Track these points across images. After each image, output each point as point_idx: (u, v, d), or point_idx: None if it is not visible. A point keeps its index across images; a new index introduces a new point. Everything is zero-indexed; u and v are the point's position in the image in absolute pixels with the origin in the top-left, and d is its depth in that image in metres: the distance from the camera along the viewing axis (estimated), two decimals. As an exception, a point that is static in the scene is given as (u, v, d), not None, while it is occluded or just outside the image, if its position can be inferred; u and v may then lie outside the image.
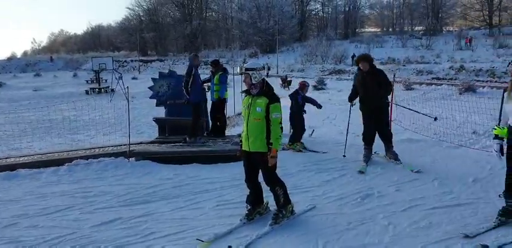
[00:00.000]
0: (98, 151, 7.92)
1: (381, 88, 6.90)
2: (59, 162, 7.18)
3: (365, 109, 7.16)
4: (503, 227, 4.41)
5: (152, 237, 4.47)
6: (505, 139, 4.47)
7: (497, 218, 4.52)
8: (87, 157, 7.40)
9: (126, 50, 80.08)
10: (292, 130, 8.61)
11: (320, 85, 24.19)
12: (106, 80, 31.38)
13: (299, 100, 8.47)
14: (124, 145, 8.01)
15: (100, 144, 8.87)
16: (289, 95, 8.67)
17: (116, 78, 23.99)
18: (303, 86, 8.62)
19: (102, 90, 27.76)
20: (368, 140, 7.24)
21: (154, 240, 4.40)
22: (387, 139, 7.17)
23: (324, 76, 30.34)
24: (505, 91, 4.49)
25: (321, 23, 74.22)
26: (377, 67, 7.18)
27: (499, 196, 4.65)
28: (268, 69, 38.13)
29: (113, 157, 7.46)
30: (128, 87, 8.60)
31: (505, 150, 4.51)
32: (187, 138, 8.18)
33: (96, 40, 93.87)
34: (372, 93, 6.91)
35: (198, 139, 8.21)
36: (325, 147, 8.30)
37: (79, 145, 9.22)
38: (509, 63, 5.63)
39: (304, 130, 8.57)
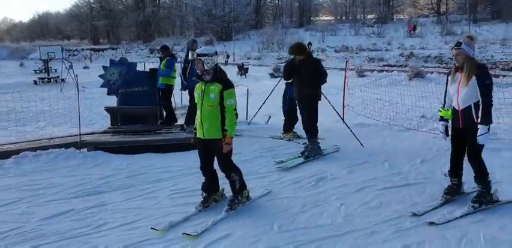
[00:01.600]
0: (47, 142, 7.63)
1: (315, 79, 6.72)
2: (4, 155, 6.83)
3: (296, 97, 7.08)
4: (449, 204, 4.62)
5: (105, 227, 4.37)
6: (450, 121, 4.66)
7: (443, 196, 4.72)
8: (35, 149, 7.10)
9: (76, 38, 77.18)
10: (286, 120, 8.37)
11: (277, 73, 24.29)
12: (56, 70, 30.15)
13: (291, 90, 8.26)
14: (75, 135, 7.75)
15: (50, 135, 8.54)
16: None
17: (66, 67, 23.12)
18: None
19: (52, 79, 26.69)
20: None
21: (107, 230, 4.30)
22: (307, 132, 6.91)
23: (280, 64, 30.38)
24: (448, 74, 4.66)
25: (276, 11, 74.28)
26: (314, 56, 7.01)
27: (445, 175, 4.86)
28: (228, 56, 37.90)
29: (63, 148, 7.21)
30: (77, 75, 8.31)
31: (449, 131, 4.70)
32: (184, 126, 8.10)
33: (43, 28, 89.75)
34: (304, 83, 6.70)
35: (190, 126, 8.09)
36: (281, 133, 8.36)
37: (27, 137, 8.84)
38: (452, 48, 5.84)
39: (297, 119, 8.26)
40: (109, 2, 71.77)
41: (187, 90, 8.19)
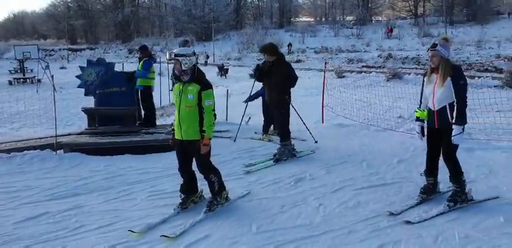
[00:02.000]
0: (21, 144, 7.48)
1: (285, 83, 6.52)
2: (-24, 157, 6.70)
3: (267, 100, 7.01)
4: (425, 203, 4.69)
5: (82, 230, 4.31)
6: (426, 121, 4.74)
7: (419, 195, 4.79)
8: (9, 151, 6.96)
9: (53, 38, 75.90)
10: (264, 121, 8.28)
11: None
12: (31, 70, 29.59)
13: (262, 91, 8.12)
14: (51, 137, 7.62)
15: (25, 136, 8.38)
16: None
17: (42, 67, 22.70)
18: None
19: (28, 80, 26.20)
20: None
21: (84, 233, 4.24)
22: (279, 135, 6.85)
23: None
24: (424, 75, 4.74)
25: (257, 12, 74.42)
26: (285, 59, 6.74)
27: (421, 174, 4.94)
28: (207, 57, 37.76)
29: (38, 150, 7.07)
30: (53, 75, 8.17)
31: (425, 132, 4.78)
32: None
33: (19, 27, 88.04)
34: (273, 87, 6.57)
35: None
36: (261, 134, 8.37)
37: (1, 138, 8.64)
38: (428, 49, 5.94)
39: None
40: (87, 1, 70.79)
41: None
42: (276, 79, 6.50)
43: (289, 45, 44.09)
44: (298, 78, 6.81)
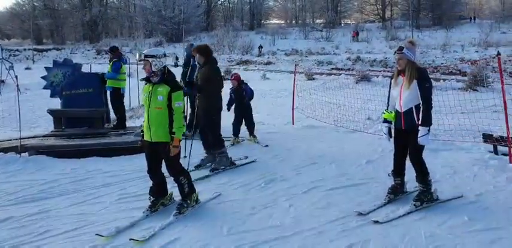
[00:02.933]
0: (-16, 147, 7.22)
1: (209, 89, 6.10)
2: None
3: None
4: (392, 203, 4.80)
5: (48, 235, 4.19)
6: (393, 123, 4.84)
7: (386, 195, 4.89)
8: (-30, 154, 6.72)
9: (17, 37, 73.60)
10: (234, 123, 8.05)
11: (228, 76, 24.27)
12: (-6, 70, 28.63)
13: (248, 92, 8.01)
14: (15, 139, 7.39)
15: (-13, 139, 8.09)
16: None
17: (6, 68, 21.97)
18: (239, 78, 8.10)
19: (-10, 81, 25.30)
20: None
21: (50, 238, 4.13)
22: (212, 144, 6.36)
23: (231, 67, 30.50)
24: (391, 78, 4.84)
25: (227, 14, 74.33)
26: (214, 64, 6.28)
27: (388, 175, 5.04)
28: (177, 58, 37.37)
29: (1, 153, 6.86)
30: (16, 76, 7.94)
31: (393, 133, 4.88)
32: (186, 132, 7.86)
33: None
34: (199, 90, 6.22)
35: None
36: (229, 135, 8.35)
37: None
38: (395, 52, 6.07)
39: (253, 123, 8.10)
40: (53, 0, 68.97)
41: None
42: (200, 84, 6.12)
43: (260, 47, 44.16)
44: (223, 87, 6.37)
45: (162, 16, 60.45)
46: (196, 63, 6.65)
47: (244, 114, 7.97)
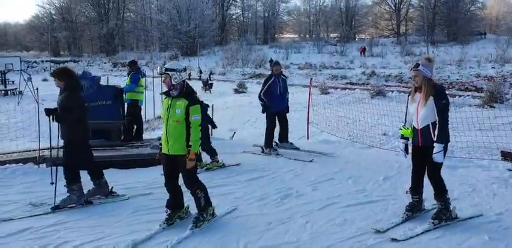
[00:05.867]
0: (3, 157, 7.33)
1: (71, 116, 5.33)
2: (-44, 170, 6.54)
3: None
4: (410, 221, 4.73)
5: (66, 246, 4.21)
6: (410, 139, 4.81)
7: (404, 213, 4.83)
8: (-10, 164, 6.82)
9: (36, 49, 74.95)
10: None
11: (241, 89, 24.46)
12: (13, 82, 29.16)
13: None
14: (33, 150, 7.50)
15: (6, 149, 8.22)
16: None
17: (24, 79, 22.40)
18: None
19: (9, 92, 25.77)
20: None
21: (67, 250, 4.16)
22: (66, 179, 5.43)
23: (244, 80, 30.69)
24: (409, 94, 4.83)
25: (241, 28, 75.10)
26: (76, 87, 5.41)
27: (406, 192, 4.99)
28: (200, 72, 37.45)
29: (20, 164, 6.95)
30: (37, 88, 8.08)
31: (410, 149, 4.85)
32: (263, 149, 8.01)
33: (2, 38, 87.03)
34: (57, 120, 5.41)
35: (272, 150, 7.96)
36: (245, 149, 8.37)
37: (-19, 151, 8.46)
38: (411, 69, 6.03)
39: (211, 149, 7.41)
40: (71, 13, 70.43)
41: None
42: (59, 113, 5.34)
43: (271, 61, 44.40)
44: (84, 113, 5.49)
45: (177, 30, 61.26)
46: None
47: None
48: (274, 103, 7.99)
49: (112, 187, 5.72)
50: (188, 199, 4.84)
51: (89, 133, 5.60)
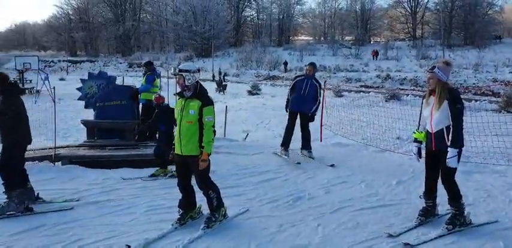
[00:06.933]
0: (19, 155, 7.43)
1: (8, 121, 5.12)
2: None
3: None
4: (424, 226, 4.68)
5: (79, 244, 4.26)
6: (423, 143, 4.77)
7: (417, 218, 4.78)
8: (7, 161, 6.91)
9: (53, 49, 76.20)
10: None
11: (255, 91, 24.49)
12: (31, 81, 29.59)
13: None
14: (49, 148, 7.61)
15: (22, 147, 8.34)
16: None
17: (41, 78, 22.71)
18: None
19: (27, 91, 26.15)
20: None
21: (81, 247, 4.20)
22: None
23: (258, 82, 30.74)
24: (423, 97, 4.78)
25: (256, 30, 75.26)
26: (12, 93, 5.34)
27: (420, 197, 4.94)
28: (220, 73, 37.20)
29: (36, 161, 7.06)
30: (54, 87, 8.20)
31: (423, 153, 4.80)
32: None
33: (20, 38, 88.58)
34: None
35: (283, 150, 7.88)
36: (258, 150, 8.36)
37: (-2, 148, 8.60)
38: (426, 71, 5.96)
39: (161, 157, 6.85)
40: (88, 14, 71.35)
41: None
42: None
43: (285, 63, 44.34)
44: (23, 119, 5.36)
45: (192, 31, 61.64)
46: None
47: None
48: (293, 102, 7.88)
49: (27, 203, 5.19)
50: (200, 200, 4.85)
51: (26, 139, 5.39)
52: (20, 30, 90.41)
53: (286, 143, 7.91)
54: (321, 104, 8.04)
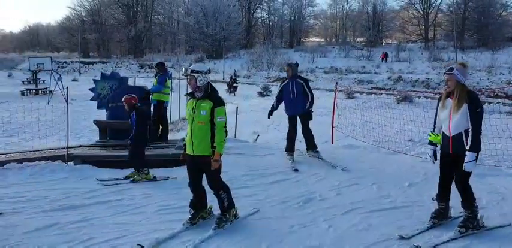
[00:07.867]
0: (33, 154, 7.53)
1: None
2: (-12, 166, 6.75)
3: None
4: (436, 228, 4.64)
5: (91, 243, 4.31)
6: (439, 145, 4.72)
7: (430, 220, 4.74)
8: (21, 161, 7.01)
9: (66, 50, 76.81)
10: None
11: (265, 92, 24.46)
12: (44, 81, 29.94)
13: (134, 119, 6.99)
14: (62, 148, 7.69)
15: (36, 147, 8.44)
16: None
17: (54, 79, 22.97)
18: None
19: (40, 91, 26.46)
20: None
21: (93, 246, 4.25)
22: None
23: (269, 83, 30.68)
24: (439, 99, 4.74)
25: (267, 31, 75.18)
26: None
27: (432, 199, 4.89)
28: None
29: (49, 161, 7.14)
30: (67, 87, 8.28)
31: (438, 156, 4.75)
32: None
33: (34, 39, 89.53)
34: None
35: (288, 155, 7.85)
36: (269, 152, 8.36)
37: (12, 148, 8.71)
38: (445, 73, 5.92)
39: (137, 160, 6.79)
40: (101, 15, 71.93)
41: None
42: None
43: (296, 64, 44.22)
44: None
45: (204, 33, 61.78)
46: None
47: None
48: (287, 107, 7.90)
49: None
50: (211, 200, 4.87)
51: None
52: (33, 31, 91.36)
53: (290, 150, 7.91)
54: (314, 98, 7.92)
